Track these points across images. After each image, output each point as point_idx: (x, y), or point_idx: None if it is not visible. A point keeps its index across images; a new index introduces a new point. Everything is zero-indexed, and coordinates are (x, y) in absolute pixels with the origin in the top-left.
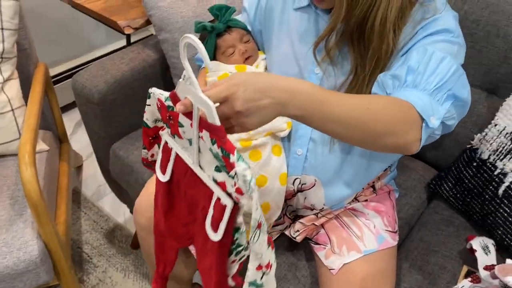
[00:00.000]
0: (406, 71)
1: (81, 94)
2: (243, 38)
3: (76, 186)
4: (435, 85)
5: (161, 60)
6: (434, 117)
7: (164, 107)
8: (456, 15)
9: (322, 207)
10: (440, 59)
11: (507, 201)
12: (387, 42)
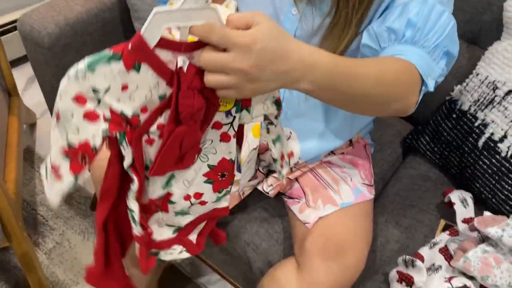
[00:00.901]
0: (405, 25)
1: (28, 37)
2: None
3: (29, 145)
4: (434, 43)
5: (121, 3)
6: (431, 77)
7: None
8: None
9: (297, 161)
10: (440, 13)
11: (486, 152)
12: None
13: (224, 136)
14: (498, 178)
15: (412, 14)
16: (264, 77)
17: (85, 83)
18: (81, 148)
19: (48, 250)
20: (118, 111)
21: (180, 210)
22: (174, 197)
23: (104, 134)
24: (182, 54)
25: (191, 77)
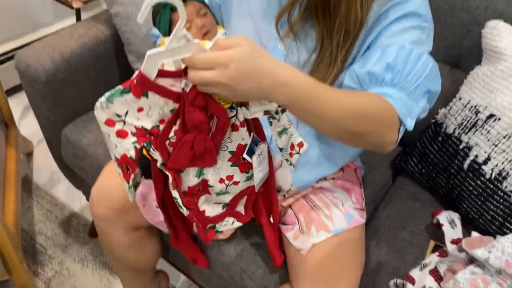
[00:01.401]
0: (385, 69)
1: (25, 73)
2: (200, 11)
3: (26, 174)
4: (413, 84)
5: (115, 37)
6: (410, 117)
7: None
8: None
9: (289, 189)
10: (418, 57)
11: (472, 174)
12: (355, 12)
13: (233, 126)
14: (484, 199)
15: (391, 58)
16: (241, 89)
17: (109, 111)
18: (123, 160)
19: (48, 279)
20: (139, 126)
21: (219, 191)
22: (210, 182)
23: (135, 146)
24: (183, 78)
25: (193, 97)
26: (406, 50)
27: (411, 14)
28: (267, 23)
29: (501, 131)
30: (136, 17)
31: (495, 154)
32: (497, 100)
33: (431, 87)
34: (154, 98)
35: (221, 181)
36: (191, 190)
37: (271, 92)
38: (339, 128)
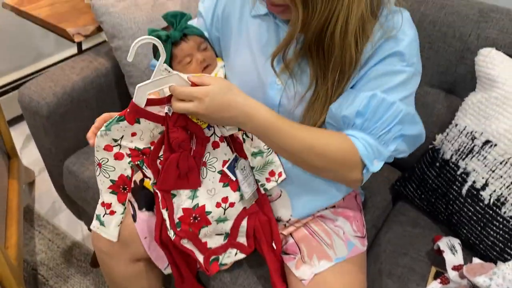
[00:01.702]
0: (355, 115)
1: (28, 107)
2: (201, 46)
3: (28, 204)
4: (381, 131)
5: (115, 69)
6: (378, 160)
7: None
8: (414, 35)
9: (289, 219)
10: (389, 105)
11: (470, 200)
12: (350, 53)
13: (214, 144)
14: (483, 225)
15: (361, 106)
16: (215, 119)
17: (107, 137)
18: (120, 181)
19: None
20: (133, 147)
21: (218, 218)
22: (207, 207)
23: (131, 165)
24: (167, 104)
25: (175, 119)
26: (377, 99)
27: (396, 54)
28: (265, 58)
29: (498, 157)
30: (137, 51)
31: (493, 180)
32: (492, 126)
33: (406, 132)
34: (145, 123)
35: (218, 205)
36: (187, 215)
37: (239, 122)
38: (298, 160)
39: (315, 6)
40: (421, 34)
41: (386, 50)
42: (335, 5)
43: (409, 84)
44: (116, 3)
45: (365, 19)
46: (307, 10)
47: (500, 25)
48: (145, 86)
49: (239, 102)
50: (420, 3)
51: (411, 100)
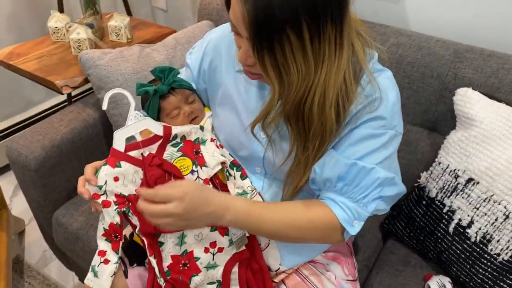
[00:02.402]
0: (336, 179)
1: (16, 162)
2: (188, 98)
3: (18, 254)
4: (360, 195)
5: (103, 119)
6: (358, 221)
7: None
8: (396, 97)
9: (278, 268)
10: (367, 173)
11: (457, 238)
12: (330, 123)
13: None
14: (472, 263)
15: (343, 172)
16: (194, 217)
17: (93, 186)
18: (111, 229)
19: None
20: (118, 193)
21: (207, 264)
22: (195, 253)
23: (118, 212)
24: (143, 148)
25: (150, 158)
26: (356, 167)
27: (377, 118)
28: (250, 114)
29: (481, 194)
30: (123, 101)
31: (478, 218)
32: (474, 164)
33: (385, 194)
34: (125, 166)
35: (206, 251)
36: (176, 262)
37: (217, 216)
38: (281, 238)
39: (290, 83)
40: (400, 74)
41: (368, 114)
42: (311, 81)
43: (389, 146)
44: (102, 55)
45: (347, 86)
46: (282, 86)
47: (475, 65)
48: (122, 131)
49: (216, 197)
50: (398, 45)
51: (392, 161)
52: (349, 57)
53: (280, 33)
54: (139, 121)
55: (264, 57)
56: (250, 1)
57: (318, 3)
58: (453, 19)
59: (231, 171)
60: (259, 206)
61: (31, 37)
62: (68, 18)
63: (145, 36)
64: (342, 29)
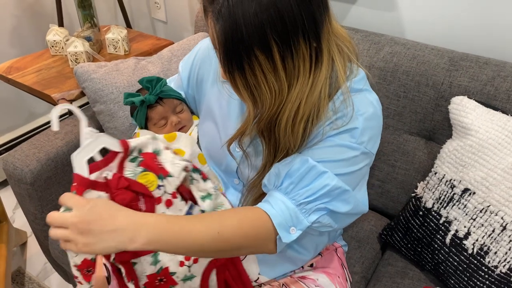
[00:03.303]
0: (285, 175)
1: (12, 175)
2: (176, 108)
3: (20, 266)
4: (305, 198)
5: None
6: (295, 228)
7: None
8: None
9: (257, 277)
10: (318, 175)
11: (454, 249)
12: (297, 136)
13: (167, 202)
14: (470, 275)
15: (293, 168)
16: (94, 231)
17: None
18: (84, 264)
19: None
20: None
21: (184, 277)
22: (171, 268)
23: None
24: (103, 169)
25: (116, 181)
26: (307, 164)
27: (346, 132)
28: (226, 127)
29: (477, 205)
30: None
31: (474, 229)
32: (470, 174)
33: (332, 207)
34: (90, 194)
35: (181, 264)
36: (152, 280)
37: (128, 236)
38: (206, 253)
39: (263, 102)
40: (396, 83)
41: (334, 130)
42: (284, 99)
43: (354, 164)
44: (97, 69)
45: (320, 103)
46: (256, 105)
47: (471, 73)
48: (81, 154)
49: (125, 213)
50: (392, 54)
51: (354, 179)
52: (327, 74)
53: (249, 55)
54: (95, 139)
55: (235, 78)
56: (219, 23)
57: (288, 23)
58: (448, 27)
59: (194, 175)
60: (181, 219)
61: (33, 50)
62: (67, 32)
63: (143, 48)
64: (320, 46)
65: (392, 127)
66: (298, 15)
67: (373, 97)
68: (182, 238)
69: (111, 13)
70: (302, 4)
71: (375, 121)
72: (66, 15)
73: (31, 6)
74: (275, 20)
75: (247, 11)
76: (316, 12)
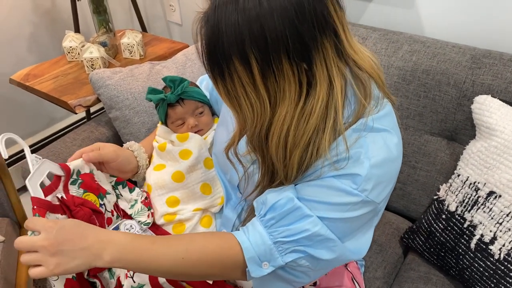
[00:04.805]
0: (270, 207)
1: None
2: (196, 111)
3: None
4: (283, 237)
5: (115, 137)
6: (269, 264)
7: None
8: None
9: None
10: (301, 217)
11: (480, 255)
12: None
13: (108, 220)
14: (497, 282)
15: (279, 203)
16: (65, 251)
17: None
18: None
19: None
20: None
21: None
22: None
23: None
24: (55, 191)
25: (70, 199)
26: (292, 204)
27: (348, 176)
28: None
29: (503, 208)
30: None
31: (501, 233)
32: (495, 176)
33: (311, 252)
34: (50, 217)
35: (126, 276)
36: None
37: (95, 253)
38: (173, 275)
39: (245, 116)
40: (415, 83)
41: (334, 171)
42: (267, 120)
43: (350, 210)
44: (112, 75)
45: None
46: (239, 117)
47: (494, 71)
48: (33, 179)
49: (93, 231)
50: (411, 53)
51: (346, 227)
52: (326, 104)
53: (228, 64)
54: (40, 164)
55: (218, 85)
56: (205, 27)
57: (269, 38)
58: (469, 23)
59: (119, 191)
60: (147, 240)
61: (50, 56)
62: (82, 37)
63: (158, 52)
64: (310, 70)
65: (413, 127)
66: (281, 34)
67: (392, 140)
68: (146, 259)
69: (126, 17)
70: (288, 24)
71: (386, 168)
72: (82, 20)
73: (48, 13)
74: (256, 35)
75: (229, 19)
76: (306, 33)
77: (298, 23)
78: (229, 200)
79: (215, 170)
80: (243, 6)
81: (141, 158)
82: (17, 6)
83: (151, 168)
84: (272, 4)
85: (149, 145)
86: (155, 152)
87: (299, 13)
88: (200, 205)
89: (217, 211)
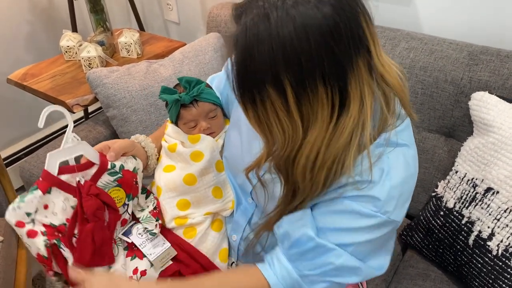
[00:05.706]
0: (292, 243)
1: (29, 182)
2: (209, 113)
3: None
4: (309, 270)
5: (113, 136)
6: None
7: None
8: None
9: None
10: (324, 252)
11: (478, 251)
12: (317, 183)
13: (123, 221)
14: (495, 277)
15: (300, 240)
16: None
17: (20, 211)
18: (38, 259)
19: None
20: (48, 223)
21: None
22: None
23: (46, 244)
24: (78, 172)
25: (87, 187)
26: (313, 243)
27: (367, 197)
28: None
29: (501, 204)
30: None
31: (499, 229)
32: (493, 173)
33: (337, 280)
34: (56, 193)
35: (130, 278)
36: None
37: None
38: None
39: (276, 141)
40: (413, 80)
41: (355, 190)
42: (298, 143)
43: (375, 231)
44: (109, 73)
45: (346, 155)
46: (268, 141)
47: (491, 67)
48: (57, 153)
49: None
50: (409, 50)
51: (369, 248)
52: (356, 124)
53: (261, 91)
54: (75, 145)
55: (248, 110)
56: (236, 50)
57: (304, 62)
58: (467, 20)
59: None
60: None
61: (48, 56)
62: (80, 37)
63: (156, 50)
64: (345, 91)
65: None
66: (317, 57)
67: (411, 154)
68: None
69: (124, 16)
70: (324, 45)
71: (406, 186)
72: (80, 19)
73: (45, 12)
74: (290, 60)
75: (261, 43)
76: (342, 54)
77: (334, 44)
78: (239, 205)
79: (226, 173)
80: (275, 25)
81: (149, 147)
82: (14, 6)
83: (160, 169)
84: (306, 22)
85: (158, 140)
86: (164, 152)
87: (335, 34)
88: (211, 208)
89: (228, 215)
